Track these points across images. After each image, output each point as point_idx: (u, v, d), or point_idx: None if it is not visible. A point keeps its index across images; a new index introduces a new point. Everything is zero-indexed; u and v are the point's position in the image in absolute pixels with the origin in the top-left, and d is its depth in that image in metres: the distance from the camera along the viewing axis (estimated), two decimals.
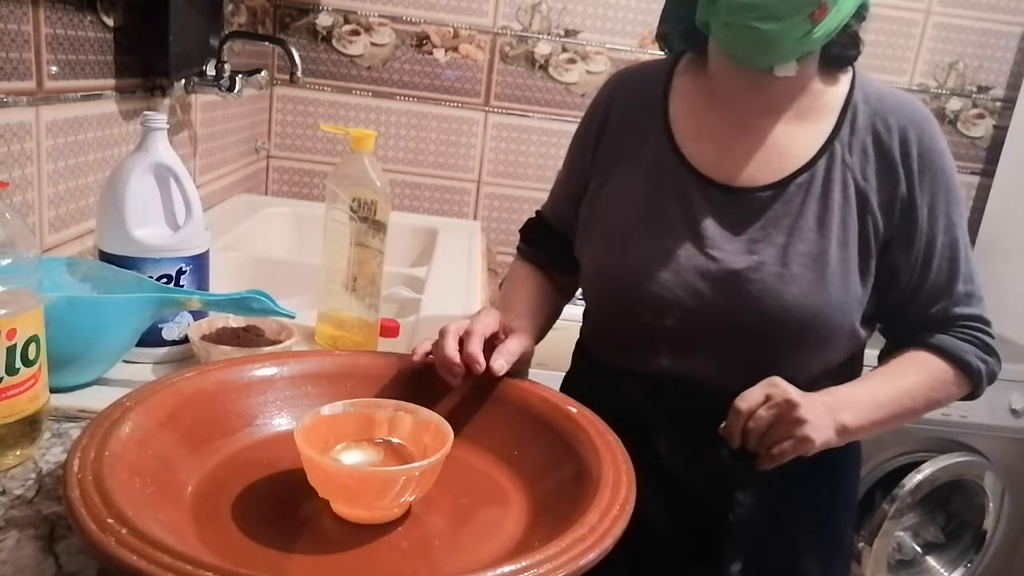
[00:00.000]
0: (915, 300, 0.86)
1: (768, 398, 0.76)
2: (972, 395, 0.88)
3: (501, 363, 0.74)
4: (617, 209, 0.90)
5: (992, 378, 0.87)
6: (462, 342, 0.75)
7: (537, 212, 1.08)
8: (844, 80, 0.87)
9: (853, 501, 0.99)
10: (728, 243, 0.84)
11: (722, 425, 0.78)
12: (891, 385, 0.84)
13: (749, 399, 0.76)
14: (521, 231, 1.08)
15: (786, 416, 0.75)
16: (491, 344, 0.77)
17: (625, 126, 0.94)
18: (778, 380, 0.77)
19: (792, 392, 0.76)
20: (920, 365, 0.86)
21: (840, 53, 0.85)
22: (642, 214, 0.88)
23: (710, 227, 0.85)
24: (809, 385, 0.90)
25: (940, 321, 0.86)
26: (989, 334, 0.87)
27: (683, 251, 0.85)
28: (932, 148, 0.84)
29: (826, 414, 0.77)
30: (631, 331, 0.89)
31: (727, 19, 0.79)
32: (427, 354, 0.77)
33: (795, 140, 0.86)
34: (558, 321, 1.05)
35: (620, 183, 0.91)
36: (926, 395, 0.84)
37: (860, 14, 0.83)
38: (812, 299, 0.81)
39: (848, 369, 0.91)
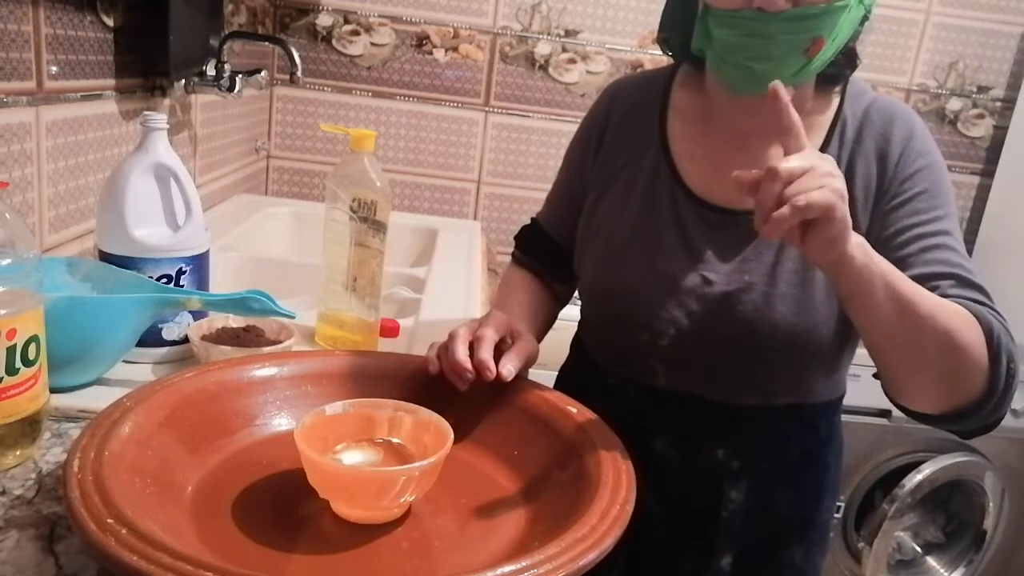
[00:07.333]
0: None
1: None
2: (993, 362, 0.72)
3: (509, 368, 0.75)
4: (614, 226, 0.91)
5: (1011, 357, 0.73)
6: (472, 347, 0.75)
7: (532, 219, 1.08)
8: (836, 95, 0.87)
9: (835, 494, 1.00)
10: (721, 264, 0.84)
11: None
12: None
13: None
14: (516, 238, 1.08)
15: (820, 171, 0.62)
16: (498, 348, 0.77)
17: (623, 137, 0.94)
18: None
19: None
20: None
21: (835, 73, 0.84)
22: (638, 233, 0.89)
23: (705, 249, 0.85)
24: (803, 392, 0.89)
25: None
26: (1004, 319, 0.77)
27: (679, 273, 0.85)
28: (932, 148, 0.83)
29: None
30: (628, 346, 0.90)
31: (722, 55, 0.80)
32: (439, 359, 0.77)
33: None
34: (556, 320, 1.05)
35: (617, 198, 0.91)
36: (940, 305, 0.71)
37: (864, 18, 0.81)
38: (799, 316, 0.82)
39: (840, 374, 0.92)
